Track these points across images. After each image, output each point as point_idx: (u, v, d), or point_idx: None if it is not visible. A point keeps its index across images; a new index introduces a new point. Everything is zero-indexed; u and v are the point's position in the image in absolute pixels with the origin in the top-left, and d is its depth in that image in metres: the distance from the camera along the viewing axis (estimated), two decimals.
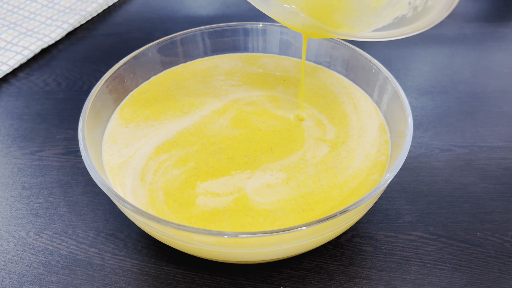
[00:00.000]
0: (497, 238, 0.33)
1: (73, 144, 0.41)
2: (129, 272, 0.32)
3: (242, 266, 0.32)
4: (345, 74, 0.40)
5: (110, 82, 0.36)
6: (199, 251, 0.28)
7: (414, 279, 0.31)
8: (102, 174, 0.31)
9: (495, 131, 0.42)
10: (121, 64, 0.37)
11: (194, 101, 0.38)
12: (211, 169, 0.32)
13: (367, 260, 0.32)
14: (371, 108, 0.37)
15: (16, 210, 0.36)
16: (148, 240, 0.33)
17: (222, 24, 0.42)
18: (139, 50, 0.39)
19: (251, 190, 0.30)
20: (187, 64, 0.42)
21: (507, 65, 0.50)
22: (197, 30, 0.41)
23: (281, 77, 0.41)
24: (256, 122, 0.36)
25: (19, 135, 0.42)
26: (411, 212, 0.35)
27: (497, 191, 0.37)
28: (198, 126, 0.35)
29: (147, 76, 0.40)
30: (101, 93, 0.35)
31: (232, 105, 0.37)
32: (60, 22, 0.55)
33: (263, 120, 0.36)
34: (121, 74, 0.37)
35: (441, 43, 0.54)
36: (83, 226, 0.34)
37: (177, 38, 0.41)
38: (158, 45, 0.40)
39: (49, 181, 0.38)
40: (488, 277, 0.31)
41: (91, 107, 0.33)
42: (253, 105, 0.37)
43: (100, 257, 0.32)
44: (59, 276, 0.31)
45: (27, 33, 0.53)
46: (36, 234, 0.34)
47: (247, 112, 0.37)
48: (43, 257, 0.33)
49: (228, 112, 0.37)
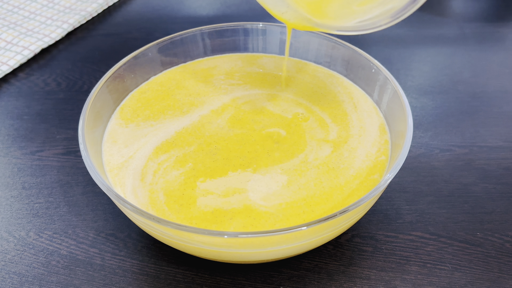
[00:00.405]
0: (497, 238, 0.33)
1: (73, 144, 0.41)
2: (129, 272, 0.32)
3: (242, 266, 0.32)
4: (345, 74, 0.40)
5: (110, 82, 0.36)
6: (199, 251, 0.28)
7: (414, 279, 0.31)
8: (102, 174, 0.31)
9: (495, 131, 0.42)
10: (121, 64, 0.37)
11: (193, 100, 0.38)
12: (209, 169, 0.32)
13: (367, 260, 0.32)
14: (371, 108, 0.37)
15: (16, 210, 0.36)
16: (148, 240, 0.33)
17: (222, 24, 0.42)
18: (139, 50, 0.39)
19: (251, 192, 0.30)
20: (187, 64, 0.42)
21: (507, 65, 0.50)
22: (197, 30, 0.41)
23: (281, 77, 0.41)
24: (254, 121, 0.36)
25: (19, 135, 0.42)
26: (411, 212, 0.35)
27: (497, 191, 0.37)
28: (196, 126, 0.35)
29: (147, 76, 0.40)
30: (101, 93, 0.35)
31: (231, 104, 0.37)
32: (60, 22, 0.55)
33: (261, 120, 0.36)
34: (121, 74, 0.37)
35: (441, 43, 0.54)
36: (83, 226, 0.34)
37: (177, 38, 0.41)
38: (158, 45, 0.40)
39: (49, 181, 0.38)
40: (488, 277, 0.31)
41: (91, 107, 0.33)
42: (252, 104, 0.37)
43: (100, 257, 0.32)
44: (59, 276, 0.31)
45: (27, 33, 0.53)
46: (36, 234, 0.34)
47: (245, 111, 0.37)
48: (43, 257, 0.33)
49: (226, 111, 0.37)
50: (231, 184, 0.31)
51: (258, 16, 0.59)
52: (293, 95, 0.38)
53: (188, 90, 0.39)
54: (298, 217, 0.29)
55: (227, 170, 0.32)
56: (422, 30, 0.56)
